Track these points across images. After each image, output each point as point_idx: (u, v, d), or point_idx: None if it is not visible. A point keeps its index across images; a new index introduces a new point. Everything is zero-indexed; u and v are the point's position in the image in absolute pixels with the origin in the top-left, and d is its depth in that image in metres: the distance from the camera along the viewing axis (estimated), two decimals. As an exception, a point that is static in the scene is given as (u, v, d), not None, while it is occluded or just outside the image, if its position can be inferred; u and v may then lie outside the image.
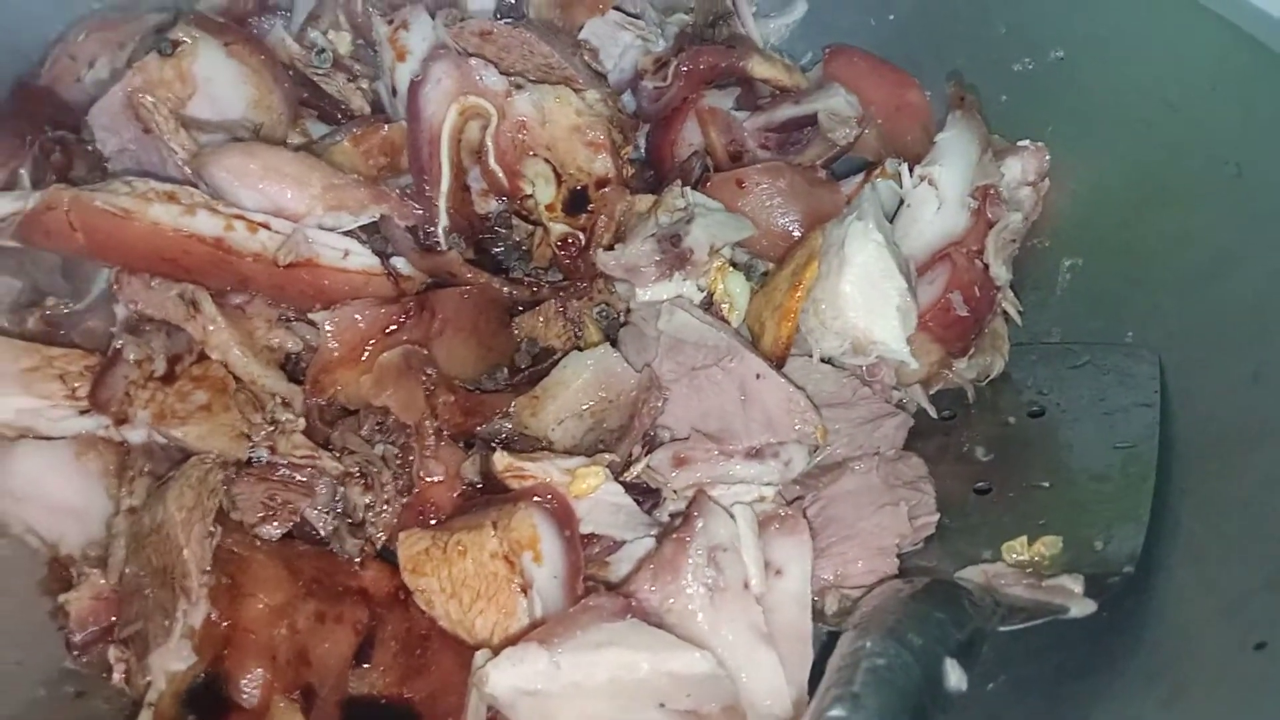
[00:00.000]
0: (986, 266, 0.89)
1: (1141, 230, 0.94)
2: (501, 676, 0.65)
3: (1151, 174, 0.94)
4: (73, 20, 1.09)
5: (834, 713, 0.52)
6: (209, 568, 0.69)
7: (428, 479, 0.82)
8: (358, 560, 0.78)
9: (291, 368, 0.88)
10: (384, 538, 0.78)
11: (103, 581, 0.76)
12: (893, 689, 0.55)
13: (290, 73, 1.07)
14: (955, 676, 0.58)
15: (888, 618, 0.62)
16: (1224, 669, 0.60)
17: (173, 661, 0.65)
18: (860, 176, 1.00)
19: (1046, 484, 0.82)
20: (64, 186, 0.84)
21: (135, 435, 0.82)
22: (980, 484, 0.85)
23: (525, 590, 0.74)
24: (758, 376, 0.79)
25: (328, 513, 0.80)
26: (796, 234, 0.96)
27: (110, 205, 0.82)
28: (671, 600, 0.70)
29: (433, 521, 0.82)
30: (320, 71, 1.07)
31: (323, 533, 0.80)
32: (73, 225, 0.82)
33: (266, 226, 0.86)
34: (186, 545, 0.69)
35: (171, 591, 0.68)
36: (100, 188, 0.84)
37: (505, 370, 0.93)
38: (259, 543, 0.75)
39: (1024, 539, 0.77)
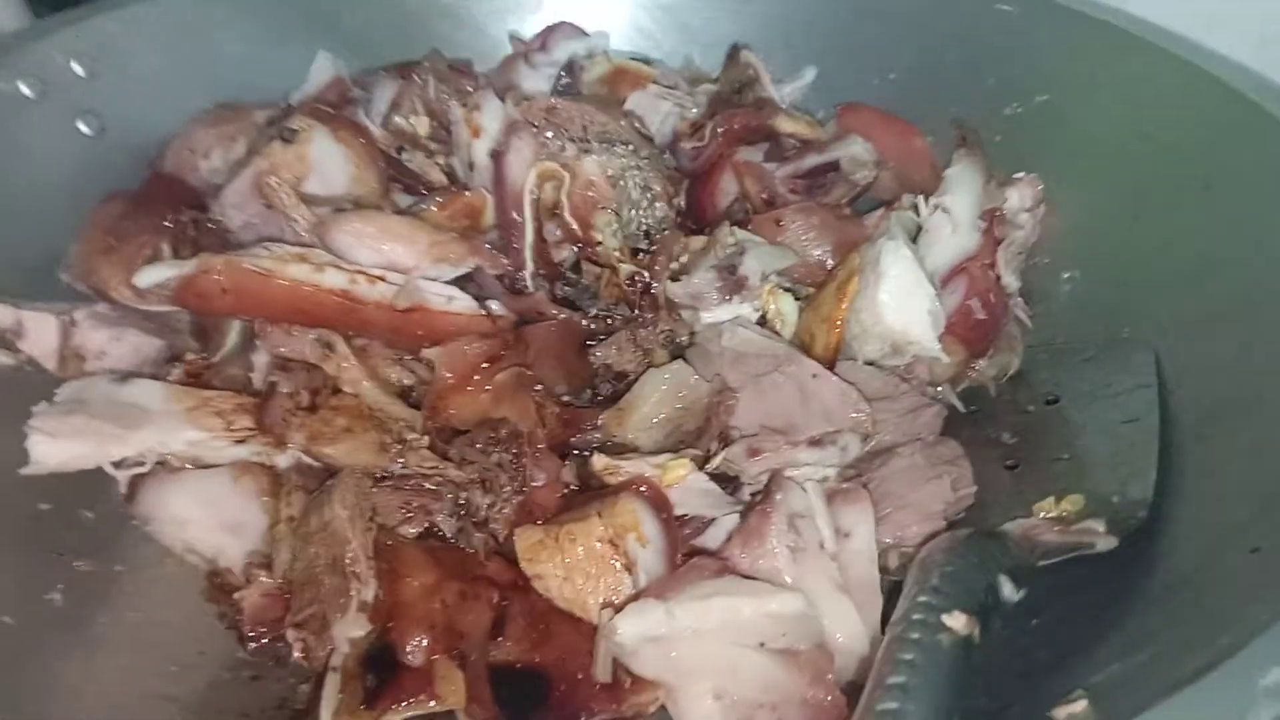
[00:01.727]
0: (998, 277, 1.03)
1: (1128, 242, 1.07)
2: (628, 626, 0.78)
3: (1131, 194, 1.07)
4: (187, 117, 1.27)
5: (923, 599, 0.65)
6: (372, 555, 0.82)
7: (533, 484, 0.95)
8: (482, 554, 0.90)
9: (406, 398, 1.02)
10: (505, 533, 0.91)
11: (268, 580, 0.88)
12: (962, 586, 0.67)
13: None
14: (1009, 589, 0.71)
15: (951, 546, 0.74)
16: (1226, 576, 0.73)
17: (353, 630, 0.78)
18: (880, 211, 1.15)
19: (1066, 456, 0.94)
20: (212, 254, 0.99)
21: (284, 460, 0.96)
22: (1009, 462, 0.97)
23: (630, 569, 0.86)
24: (814, 376, 0.93)
25: (452, 516, 0.93)
26: (829, 263, 1.10)
27: (256, 266, 0.97)
28: (760, 561, 0.82)
29: (539, 521, 0.95)
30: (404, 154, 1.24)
31: (449, 533, 0.92)
32: (223, 287, 0.97)
33: (383, 279, 1.00)
34: (354, 537, 0.82)
35: (343, 576, 0.81)
36: (243, 253, 0.99)
37: (589, 393, 1.07)
38: (401, 539, 0.88)
39: (1051, 499, 0.89)
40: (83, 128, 1.20)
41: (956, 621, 0.63)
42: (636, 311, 1.09)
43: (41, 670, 0.76)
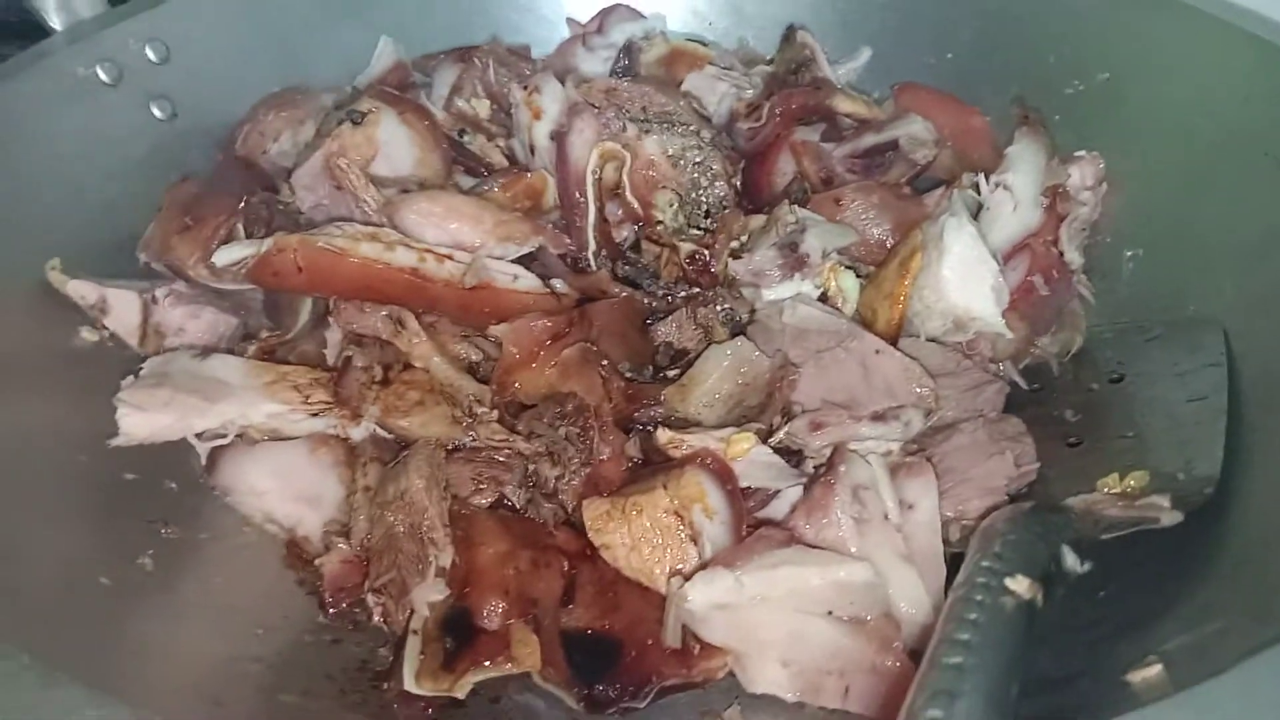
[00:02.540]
0: (1061, 253, 1.03)
1: (1192, 220, 1.06)
2: (697, 594, 0.80)
3: (1196, 171, 1.06)
4: (253, 101, 1.30)
5: (985, 563, 0.66)
6: (447, 522, 0.85)
7: (599, 456, 0.97)
8: (551, 524, 0.93)
9: (473, 373, 1.05)
10: (574, 504, 0.93)
11: (346, 548, 0.91)
12: (1025, 553, 0.68)
13: (442, 135, 1.25)
14: (1071, 559, 0.71)
15: (1013, 515, 0.75)
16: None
17: (432, 594, 0.81)
18: (940, 190, 1.15)
19: (1130, 434, 0.94)
20: (286, 233, 1.02)
21: (358, 432, 0.99)
22: (1071, 439, 0.97)
23: (696, 539, 0.88)
24: (876, 352, 0.94)
25: (521, 487, 0.95)
26: (889, 242, 1.11)
27: (330, 245, 0.99)
28: (825, 532, 0.84)
29: (605, 493, 0.97)
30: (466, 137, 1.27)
31: (518, 504, 0.95)
32: (298, 265, 1.00)
33: (450, 258, 1.03)
34: (432, 505, 0.85)
35: (420, 543, 0.84)
36: (317, 232, 1.02)
37: (650, 369, 1.08)
38: (474, 509, 0.91)
39: (1115, 475, 0.89)
40: (156, 112, 1.24)
41: (1019, 585, 0.64)
42: (697, 289, 1.11)
43: (137, 632, 0.80)
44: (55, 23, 1.21)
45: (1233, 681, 0.55)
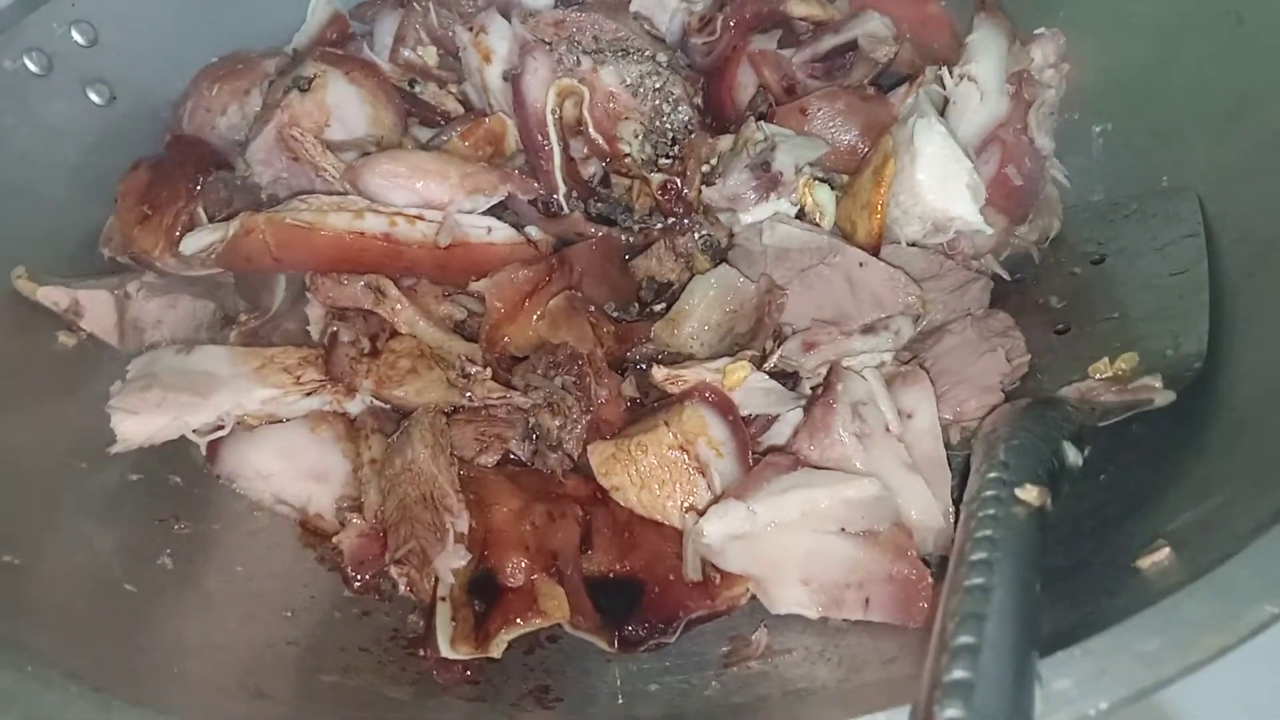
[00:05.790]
0: (1032, 140, 1.02)
1: (1159, 87, 1.05)
2: (713, 528, 0.82)
3: (1159, 37, 1.05)
4: (193, 74, 1.25)
5: (993, 475, 0.67)
6: (459, 488, 0.86)
7: (597, 402, 0.97)
8: (559, 473, 0.94)
9: (460, 332, 1.04)
10: (578, 452, 0.94)
11: (361, 522, 0.92)
12: (1029, 458, 0.69)
13: (393, 88, 1.22)
14: (1072, 454, 0.73)
15: (1013, 418, 0.77)
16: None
17: (454, 560, 0.82)
18: (904, 87, 1.13)
19: (1116, 315, 0.95)
20: (253, 213, 1.00)
21: (354, 406, 0.99)
22: (1059, 326, 0.99)
23: (703, 471, 0.90)
24: (860, 265, 0.94)
25: (525, 441, 0.96)
26: (860, 147, 1.09)
27: (298, 220, 0.98)
28: (829, 451, 0.85)
29: (607, 436, 0.98)
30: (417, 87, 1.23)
31: (523, 457, 0.96)
32: (268, 245, 0.98)
33: (421, 218, 1.01)
34: (440, 472, 0.85)
35: (435, 511, 0.85)
36: (282, 209, 1.00)
37: (636, 306, 1.08)
38: (482, 469, 0.92)
39: (1105, 360, 0.90)
40: (93, 97, 1.20)
41: (1029, 494, 0.65)
42: (672, 219, 1.10)
43: (171, 634, 0.81)
44: (-31, 15, 1.15)
45: (1245, 563, 0.56)
